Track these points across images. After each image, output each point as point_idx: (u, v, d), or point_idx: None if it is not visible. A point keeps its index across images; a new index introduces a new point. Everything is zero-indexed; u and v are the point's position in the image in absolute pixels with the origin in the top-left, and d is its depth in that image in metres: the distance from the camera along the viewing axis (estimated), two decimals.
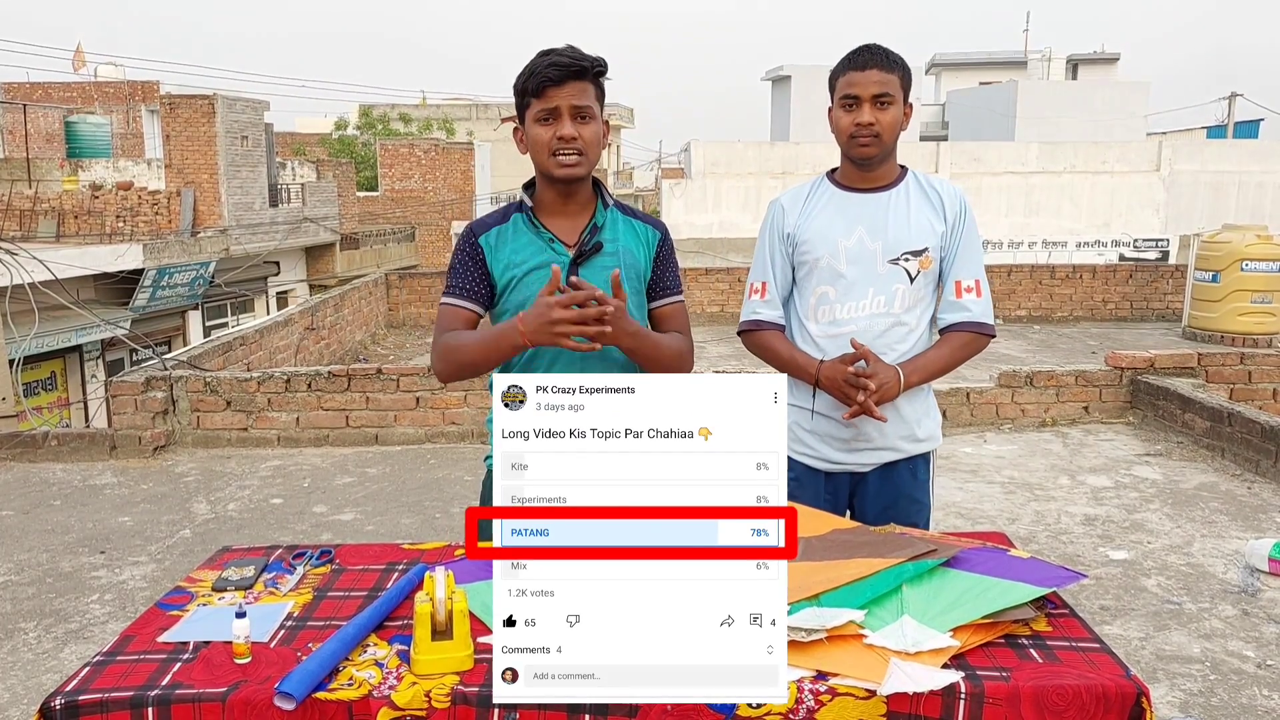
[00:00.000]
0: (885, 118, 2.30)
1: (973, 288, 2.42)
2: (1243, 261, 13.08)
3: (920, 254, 2.37)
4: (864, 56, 2.31)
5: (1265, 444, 5.88)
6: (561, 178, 2.12)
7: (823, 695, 1.50)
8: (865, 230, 2.37)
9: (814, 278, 2.41)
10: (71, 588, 4.51)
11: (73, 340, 14.20)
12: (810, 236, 2.41)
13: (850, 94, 2.31)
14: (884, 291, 2.36)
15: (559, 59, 2.07)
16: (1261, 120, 34.49)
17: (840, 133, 2.36)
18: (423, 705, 1.51)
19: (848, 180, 2.44)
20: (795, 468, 2.45)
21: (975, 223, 2.45)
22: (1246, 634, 3.81)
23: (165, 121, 17.66)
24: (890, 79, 2.30)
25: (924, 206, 2.40)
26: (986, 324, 2.42)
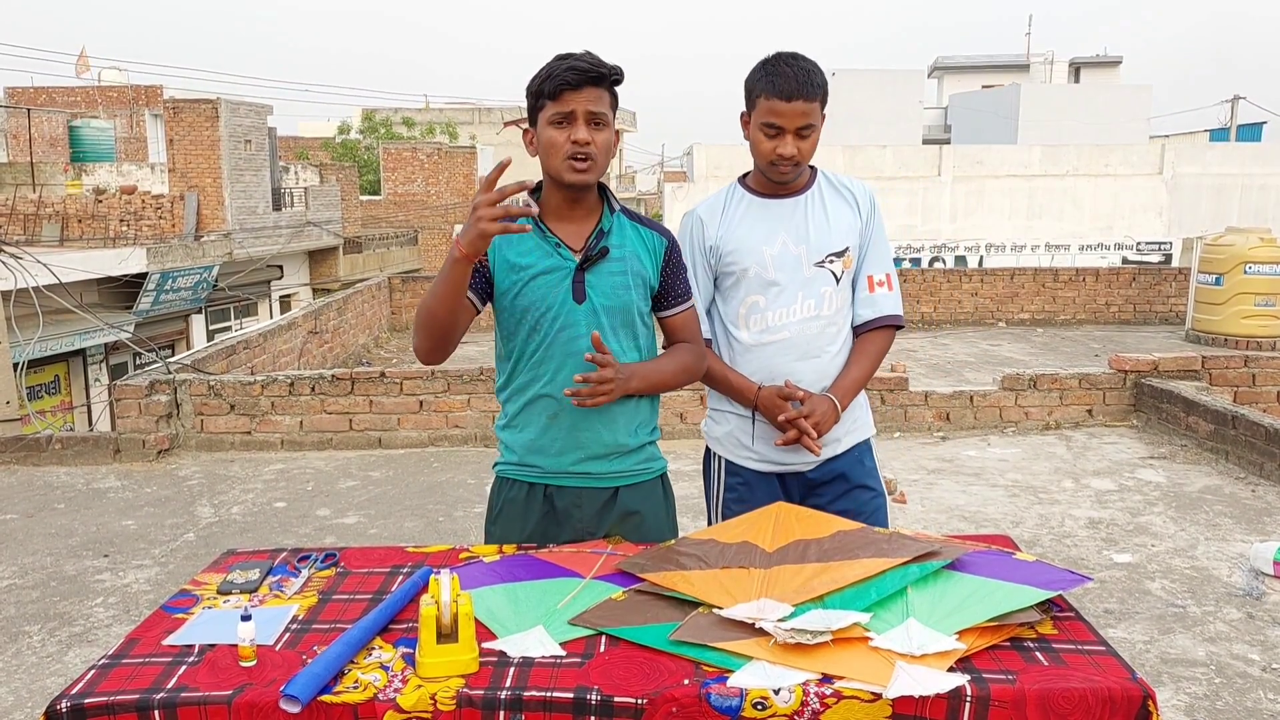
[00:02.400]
0: (806, 146, 2.31)
1: (884, 281, 2.45)
2: (1246, 264, 13.07)
3: (843, 254, 2.40)
4: (790, 85, 2.25)
5: (1269, 447, 5.87)
6: (573, 183, 2.12)
7: (828, 698, 1.49)
8: (787, 236, 2.39)
9: (742, 287, 2.41)
10: (76, 591, 4.51)
11: (76, 344, 14.21)
12: (734, 247, 2.40)
13: (772, 123, 2.28)
14: (813, 295, 2.38)
15: (578, 64, 2.07)
16: (1265, 123, 34.49)
17: (760, 156, 2.34)
18: (428, 708, 1.51)
19: (762, 187, 2.44)
20: (743, 473, 2.49)
21: (883, 219, 2.49)
22: (1251, 637, 3.80)
23: (169, 125, 17.70)
24: (813, 107, 2.27)
25: (840, 206, 2.42)
26: (897, 316, 2.47)
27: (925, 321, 15.64)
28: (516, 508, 2.25)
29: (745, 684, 1.51)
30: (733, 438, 2.51)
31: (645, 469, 2.27)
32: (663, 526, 2.29)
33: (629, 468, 2.24)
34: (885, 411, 7.20)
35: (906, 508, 5.51)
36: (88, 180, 19.87)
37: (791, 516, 2.06)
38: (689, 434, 7.11)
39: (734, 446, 2.51)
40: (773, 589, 1.72)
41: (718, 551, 1.92)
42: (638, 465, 2.26)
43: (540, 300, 2.14)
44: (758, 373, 2.41)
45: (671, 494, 2.37)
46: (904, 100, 29.92)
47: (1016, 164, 21.84)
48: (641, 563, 1.92)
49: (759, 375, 2.41)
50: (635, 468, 2.26)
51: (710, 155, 22.13)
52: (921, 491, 5.82)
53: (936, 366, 11.91)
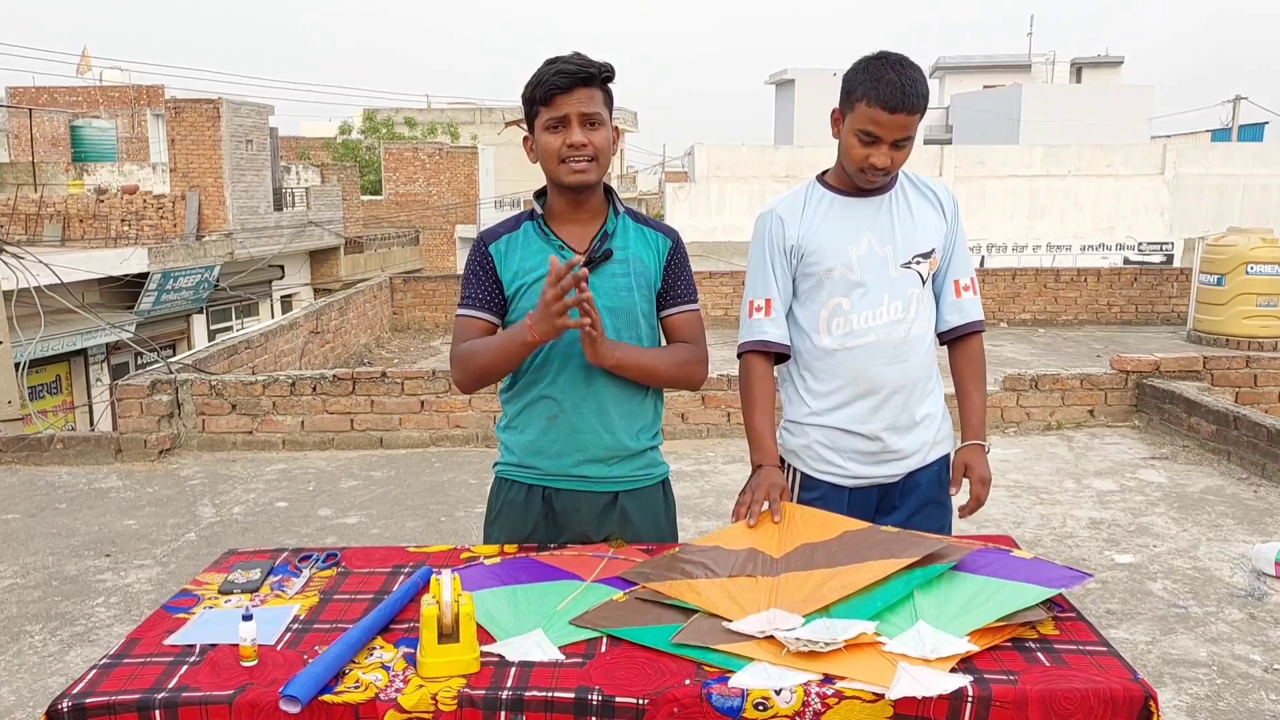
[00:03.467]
0: (900, 156, 2.22)
1: (969, 286, 2.39)
2: (1248, 265, 13.06)
3: (929, 255, 2.32)
4: (897, 97, 2.14)
5: (1271, 447, 5.86)
6: (572, 184, 2.11)
7: (829, 698, 1.49)
8: (873, 236, 2.29)
9: (825, 289, 2.31)
10: (77, 591, 4.51)
11: (78, 344, 14.22)
12: (818, 247, 2.30)
13: (871, 131, 2.18)
14: (900, 297, 2.28)
15: (565, 66, 2.06)
16: (1266, 123, 34.44)
17: (851, 160, 2.24)
18: (429, 708, 1.51)
19: (843, 184, 2.34)
20: (820, 486, 2.37)
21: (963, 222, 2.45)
22: (1253, 638, 3.80)
23: (170, 125, 17.71)
24: (914, 120, 2.18)
25: (924, 206, 2.35)
26: (983, 320, 2.44)
27: None
28: (516, 509, 2.24)
29: (746, 684, 1.51)
30: (811, 450, 2.38)
31: (646, 474, 2.25)
32: (663, 532, 2.27)
33: (630, 473, 2.22)
34: None
35: None
36: (89, 180, 19.89)
37: (797, 518, 2.04)
38: (690, 434, 7.11)
39: (813, 459, 2.38)
40: (781, 598, 1.71)
41: (724, 559, 1.90)
42: (639, 470, 2.24)
43: None
44: (843, 378, 2.31)
45: (673, 499, 2.35)
46: None
47: (1018, 164, 21.83)
48: (646, 571, 1.90)
49: (844, 381, 2.31)
50: (636, 473, 2.23)
51: (712, 155, 22.12)
52: None
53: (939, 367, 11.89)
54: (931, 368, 2.39)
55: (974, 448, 2.37)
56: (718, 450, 6.79)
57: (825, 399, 2.33)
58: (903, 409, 2.32)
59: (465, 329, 2.19)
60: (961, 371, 2.44)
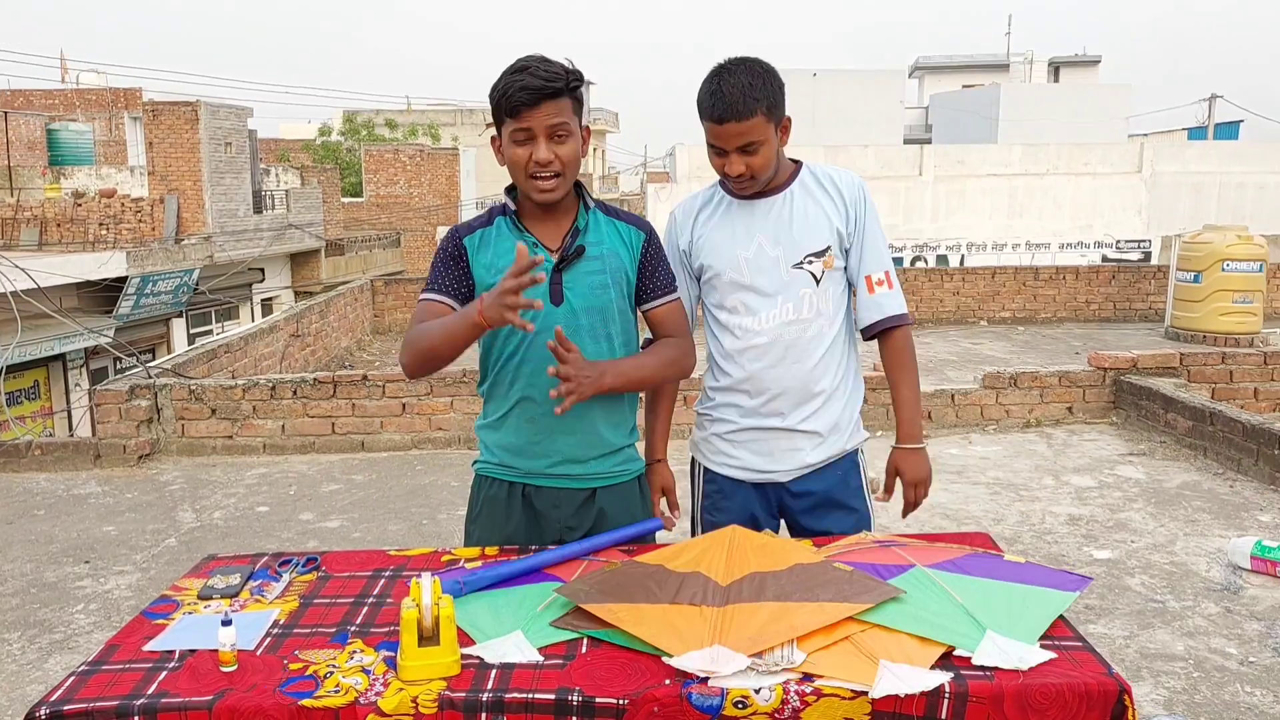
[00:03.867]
0: (756, 161, 2.20)
1: (883, 280, 2.34)
2: (1224, 262, 13.17)
3: (823, 254, 2.29)
4: (720, 108, 2.14)
5: (1247, 443, 5.93)
6: (540, 202, 2.11)
7: (808, 696, 1.51)
8: (764, 237, 2.29)
9: (718, 291, 2.34)
10: (56, 598, 4.48)
11: (56, 349, 14.12)
12: (707, 251, 2.33)
13: (714, 143, 2.21)
14: (791, 298, 2.28)
15: (530, 80, 2.01)
16: (1241, 121, 34.81)
17: (717, 170, 2.28)
18: (409, 711, 1.51)
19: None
20: (717, 480, 2.42)
21: (876, 211, 2.36)
22: (1229, 631, 3.84)
23: (148, 128, 17.59)
24: (750, 126, 2.15)
25: (821, 202, 2.32)
26: (903, 315, 2.37)
27: None
28: (498, 506, 2.25)
29: (726, 683, 1.52)
30: (709, 443, 2.45)
31: (623, 470, 2.27)
32: None
33: (607, 469, 2.24)
34: (867, 411, 7.16)
35: (889, 506, 5.52)
36: (66, 184, 19.74)
37: (747, 544, 1.95)
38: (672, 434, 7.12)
39: (711, 452, 2.45)
40: (726, 634, 1.62)
41: (668, 581, 1.81)
42: (616, 467, 2.26)
43: None
44: (740, 380, 2.34)
45: (649, 495, 2.37)
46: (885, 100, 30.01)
47: (997, 163, 21.96)
48: (585, 590, 1.81)
49: (739, 379, 2.35)
50: (614, 469, 2.25)
51: (693, 156, 22.15)
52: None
53: (919, 365, 11.94)
54: (836, 368, 2.36)
55: (903, 451, 2.39)
56: None
57: (723, 394, 2.41)
58: (795, 408, 2.32)
59: (424, 311, 2.14)
60: (886, 367, 2.44)
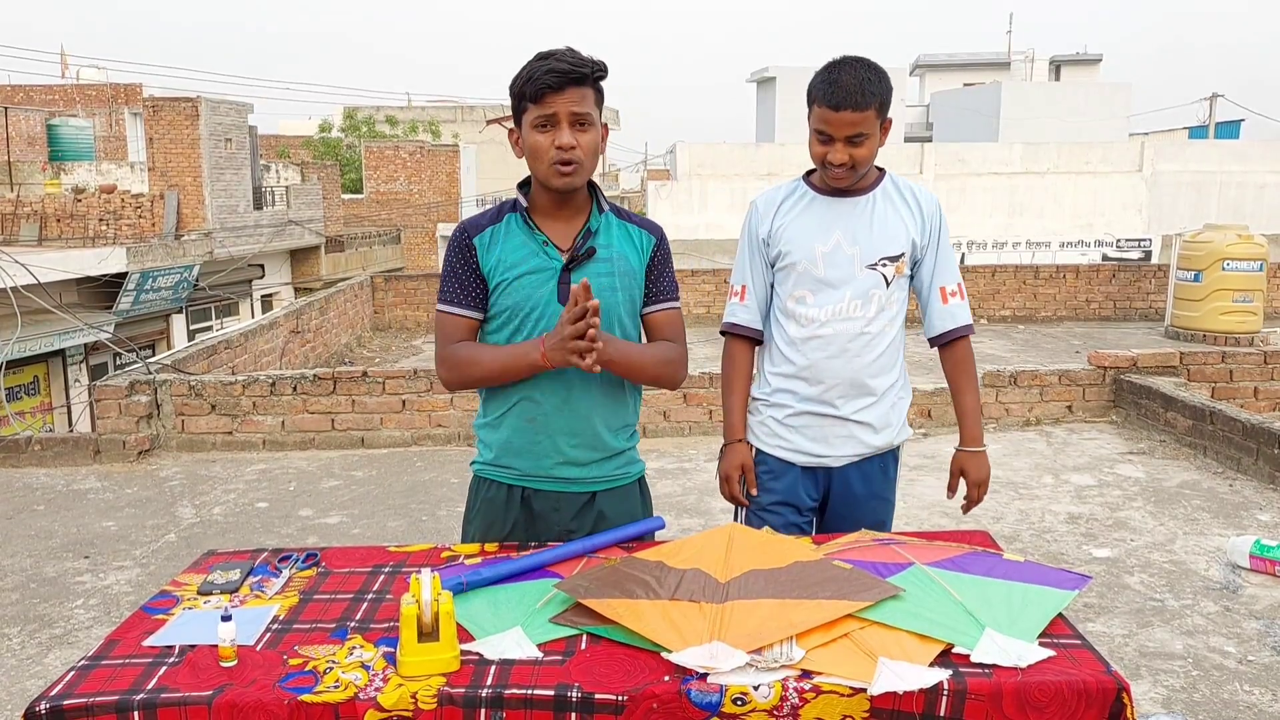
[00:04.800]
0: (860, 153, 2.31)
1: (956, 292, 2.49)
2: (1224, 261, 13.18)
3: (896, 259, 2.41)
4: (838, 96, 2.26)
5: (1246, 442, 5.93)
6: (560, 188, 2.10)
7: (807, 693, 1.51)
8: (843, 235, 2.40)
9: (790, 281, 2.44)
10: (56, 593, 4.48)
11: (56, 344, 14.11)
12: (787, 241, 2.43)
13: (823, 130, 2.31)
14: (860, 295, 2.40)
15: (558, 65, 2.02)
16: (1242, 120, 34.80)
17: (815, 159, 2.38)
18: (409, 707, 1.51)
19: (824, 183, 2.45)
20: (768, 460, 2.51)
21: (947, 225, 2.51)
22: (1228, 630, 3.84)
23: (148, 124, 17.58)
24: (864, 117, 2.27)
25: (901, 211, 2.43)
26: (971, 325, 2.52)
27: (907, 319, 15.68)
28: (496, 508, 2.24)
29: (725, 679, 1.53)
30: (765, 425, 2.53)
31: (623, 473, 2.27)
32: None
33: (607, 473, 2.23)
34: None
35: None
36: (66, 179, 19.72)
37: (746, 541, 1.97)
38: (673, 432, 7.13)
39: (765, 435, 2.53)
40: (725, 631, 1.62)
41: (668, 578, 1.81)
42: (616, 470, 2.25)
43: (525, 300, 2.12)
44: (801, 367, 2.44)
45: (649, 497, 2.36)
46: None
47: (998, 162, 21.96)
48: (585, 585, 1.81)
49: (799, 367, 2.44)
50: (614, 472, 2.24)
51: (694, 153, 22.14)
52: (904, 488, 5.81)
53: (919, 364, 11.91)
54: (890, 368, 2.50)
55: (967, 454, 2.55)
56: (700, 448, 6.80)
57: (782, 380, 2.49)
58: (850, 400, 2.44)
59: (451, 327, 2.17)
60: (951, 375, 2.57)
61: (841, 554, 1.96)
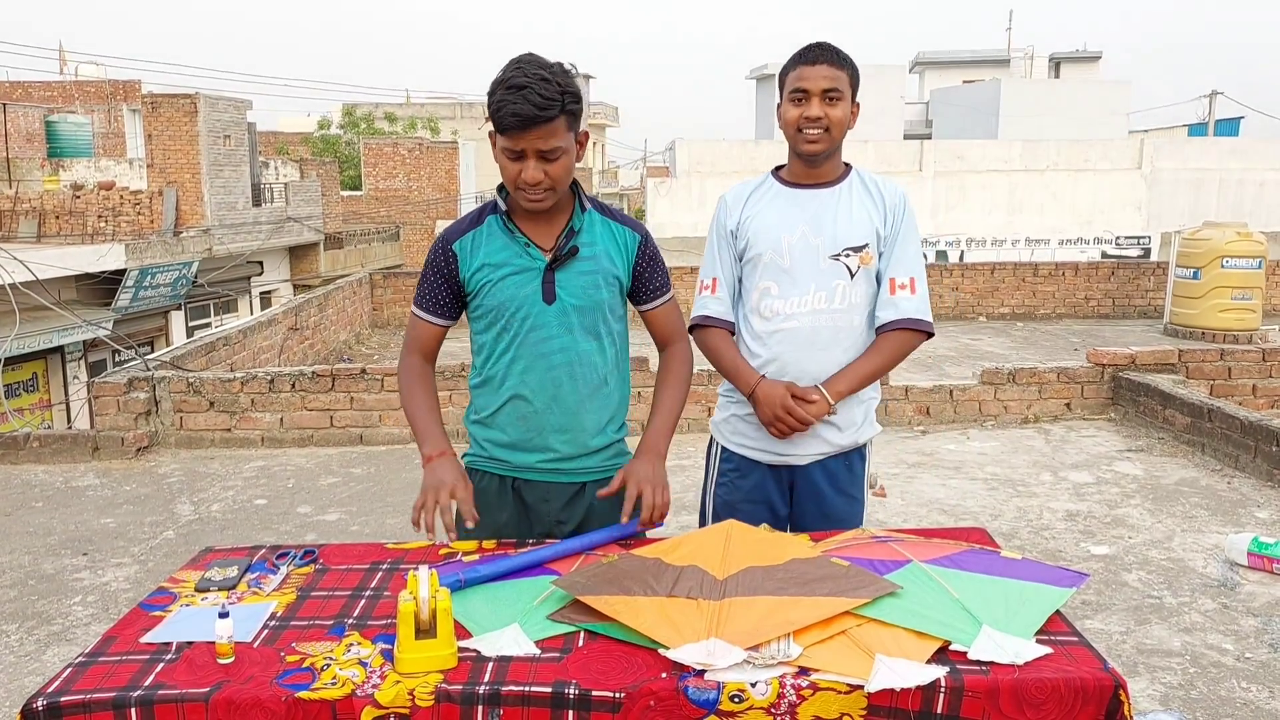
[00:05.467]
0: (834, 113, 2.34)
1: (906, 285, 2.42)
2: (1223, 258, 13.17)
3: (860, 250, 2.39)
4: (815, 52, 2.35)
5: (1244, 439, 5.93)
6: (530, 210, 2.13)
7: (804, 690, 1.51)
8: (808, 226, 2.40)
9: (757, 273, 2.44)
10: (54, 590, 4.48)
11: (54, 341, 14.09)
12: (753, 232, 2.44)
13: (800, 88, 2.34)
14: (825, 287, 2.38)
15: (523, 108, 1.96)
16: (1242, 118, 34.78)
17: (788, 125, 2.39)
18: (406, 703, 1.51)
19: (793, 177, 2.47)
20: (734, 459, 2.52)
21: (915, 221, 2.48)
22: (1226, 627, 3.84)
23: (147, 121, 17.54)
24: (840, 75, 2.34)
25: (865, 202, 2.43)
26: (919, 320, 2.42)
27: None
28: (488, 498, 2.26)
29: (722, 676, 1.53)
30: (730, 424, 2.54)
31: (614, 465, 2.29)
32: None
33: (597, 464, 2.27)
34: None
35: (887, 501, 5.54)
36: (65, 176, 19.69)
37: (744, 538, 1.96)
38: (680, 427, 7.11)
39: (730, 433, 2.54)
40: (723, 627, 1.63)
41: (665, 575, 1.81)
42: (606, 461, 2.28)
43: (510, 300, 2.14)
44: (767, 360, 2.42)
45: None
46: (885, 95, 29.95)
47: (997, 159, 21.93)
48: (582, 582, 1.81)
49: (765, 361, 2.42)
50: (604, 464, 2.28)
51: (693, 150, 22.12)
52: (902, 485, 5.86)
53: (917, 361, 11.95)
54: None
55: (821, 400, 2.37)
56: (698, 445, 6.78)
57: None
58: None
59: (418, 330, 2.29)
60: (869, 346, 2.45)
61: (839, 551, 1.96)
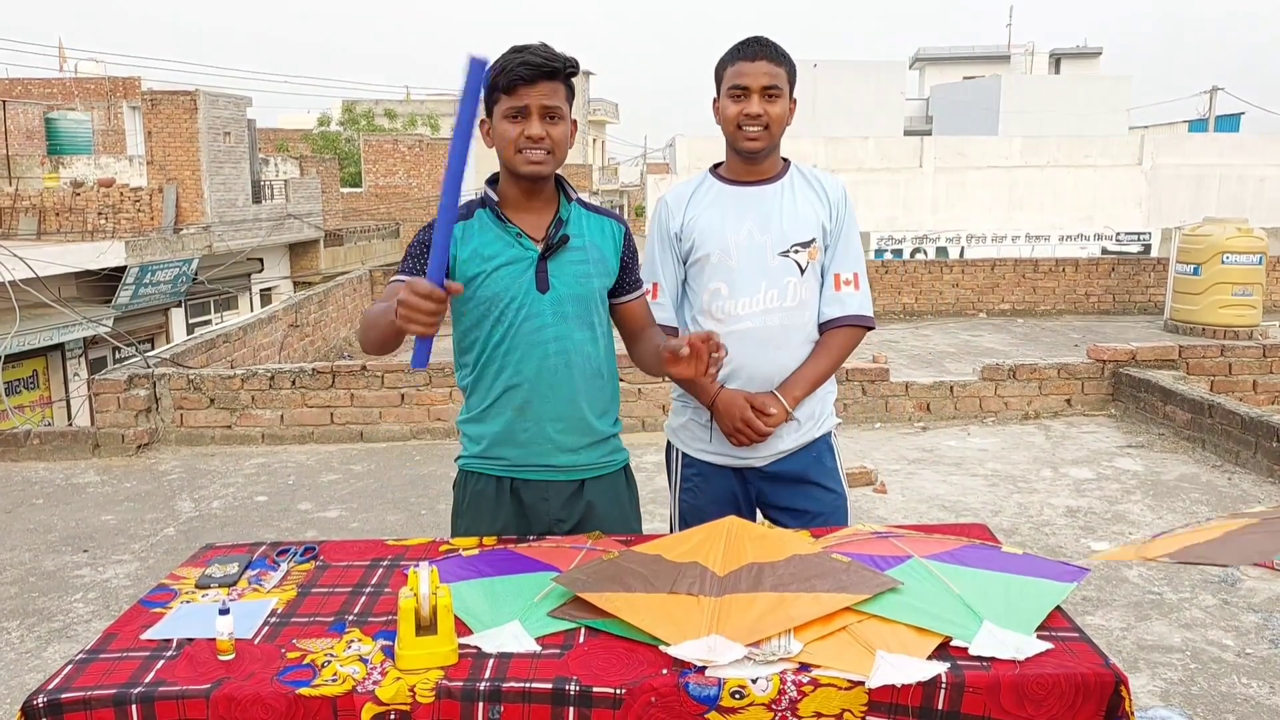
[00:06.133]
0: (773, 110, 2.31)
1: (850, 280, 2.41)
2: (1223, 254, 13.17)
3: (808, 245, 2.37)
4: (753, 48, 2.31)
5: (1245, 435, 5.93)
6: (528, 174, 2.12)
7: (805, 686, 1.51)
8: (754, 224, 2.37)
9: (705, 274, 2.39)
10: (55, 586, 4.49)
11: (55, 338, 14.10)
12: (698, 233, 2.39)
13: (739, 84, 2.31)
14: (776, 285, 2.35)
15: (531, 58, 2.05)
16: (1242, 114, 34.78)
17: (727, 122, 2.36)
18: (407, 700, 1.51)
19: (733, 174, 2.44)
20: (698, 464, 2.46)
21: (855, 214, 2.46)
22: (1226, 623, 3.85)
23: (147, 118, 17.54)
24: (779, 71, 2.30)
25: (809, 197, 2.40)
26: (864, 316, 2.42)
27: (906, 312, 15.71)
28: (485, 501, 2.25)
29: (723, 673, 1.53)
30: (688, 429, 2.49)
31: (609, 461, 2.29)
32: (628, 518, 2.31)
33: (594, 460, 2.26)
34: (866, 402, 7.24)
35: (887, 498, 5.54)
36: (65, 173, 19.69)
37: (745, 535, 1.95)
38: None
39: (689, 439, 2.49)
40: (724, 624, 1.62)
41: (665, 571, 1.81)
42: (602, 458, 2.27)
43: (504, 291, 2.14)
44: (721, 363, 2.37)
45: (635, 486, 2.38)
46: (885, 92, 29.97)
47: (997, 155, 21.91)
48: (583, 579, 1.80)
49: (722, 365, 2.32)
50: (600, 460, 2.27)
51: (693, 147, 22.10)
52: (902, 481, 5.86)
53: (917, 357, 11.96)
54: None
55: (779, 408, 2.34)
56: None
57: None
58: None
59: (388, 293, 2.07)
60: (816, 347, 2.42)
61: (840, 547, 1.96)
